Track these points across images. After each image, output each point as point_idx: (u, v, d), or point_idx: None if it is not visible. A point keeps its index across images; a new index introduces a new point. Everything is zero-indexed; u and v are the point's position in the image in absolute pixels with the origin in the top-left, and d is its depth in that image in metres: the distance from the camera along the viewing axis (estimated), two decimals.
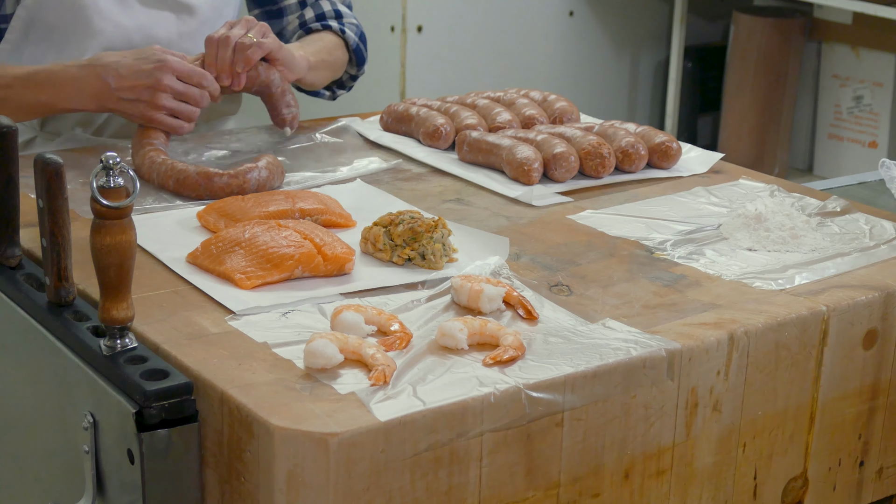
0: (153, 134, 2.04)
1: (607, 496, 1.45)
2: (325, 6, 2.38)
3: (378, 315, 1.48)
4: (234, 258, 1.61)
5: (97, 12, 2.15)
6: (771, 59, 5.31)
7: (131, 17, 2.19)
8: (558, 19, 5.11)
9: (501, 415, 1.33)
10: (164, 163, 1.94)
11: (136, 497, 1.32)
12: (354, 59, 2.41)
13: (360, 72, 2.45)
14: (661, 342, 1.45)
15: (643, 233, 1.82)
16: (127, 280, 1.37)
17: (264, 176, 1.93)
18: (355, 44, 2.39)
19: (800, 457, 1.62)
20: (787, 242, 1.78)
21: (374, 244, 1.68)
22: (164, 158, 1.95)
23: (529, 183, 1.99)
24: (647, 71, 5.51)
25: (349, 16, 2.42)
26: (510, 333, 1.44)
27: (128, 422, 1.30)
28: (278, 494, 1.26)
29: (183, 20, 2.24)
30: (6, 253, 1.59)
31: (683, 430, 1.49)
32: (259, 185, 1.92)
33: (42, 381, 1.51)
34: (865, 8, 4.73)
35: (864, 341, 1.63)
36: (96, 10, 2.15)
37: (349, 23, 2.40)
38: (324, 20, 2.37)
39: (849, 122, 5.38)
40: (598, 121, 2.28)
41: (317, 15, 2.37)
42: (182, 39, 2.24)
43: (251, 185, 1.91)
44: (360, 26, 2.43)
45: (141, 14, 2.20)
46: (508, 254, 1.70)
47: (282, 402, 1.29)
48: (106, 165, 1.33)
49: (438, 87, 4.56)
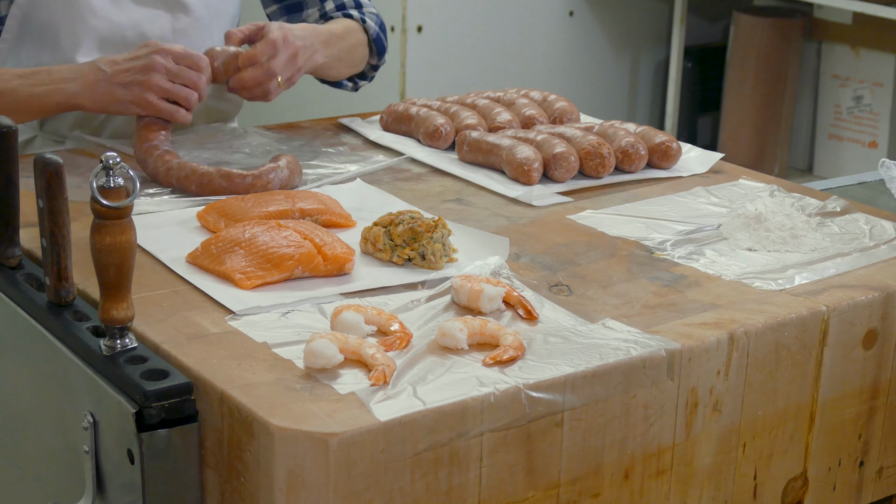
0: (152, 134, 2.02)
1: (607, 496, 1.45)
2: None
3: (378, 315, 1.48)
4: (234, 258, 1.61)
5: (89, 9, 2.15)
6: (771, 59, 5.31)
7: (125, 14, 2.19)
8: (558, 19, 5.11)
9: (501, 415, 1.33)
10: (183, 166, 1.93)
11: (136, 497, 1.32)
12: (375, 48, 2.41)
13: (381, 61, 2.45)
14: (661, 342, 1.45)
15: (643, 233, 1.82)
16: (127, 280, 1.37)
17: (286, 175, 1.94)
18: (375, 33, 2.39)
19: (800, 457, 1.62)
20: (787, 242, 1.78)
21: (374, 244, 1.68)
22: (180, 161, 1.95)
23: (529, 183, 1.99)
24: (647, 71, 5.51)
25: (368, 6, 2.43)
26: (510, 333, 1.44)
27: (128, 422, 1.30)
28: (278, 494, 1.26)
29: (177, 17, 2.25)
30: (6, 253, 1.59)
31: (683, 430, 1.49)
32: (282, 184, 1.93)
33: (42, 381, 1.51)
34: (865, 8, 4.73)
35: (864, 341, 1.63)
36: (88, 7, 2.15)
37: (369, 12, 2.41)
38: (344, 9, 2.38)
39: (849, 122, 5.38)
40: (598, 121, 2.28)
41: (337, 5, 2.38)
42: (176, 36, 2.24)
43: (275, 184, 1.92)
44: (380, 16, 2.43)
45: (134, 11, 2.20)
46: (508, 254, 1.70)
47: (282, 402, 1.29)
48: (106, 165, 1.33)
49: (438, 87, 4.56)
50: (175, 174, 1.93)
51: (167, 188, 1.94)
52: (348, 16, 2.37)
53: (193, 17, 2.26)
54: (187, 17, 2.25)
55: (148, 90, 2.01)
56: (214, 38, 2.30)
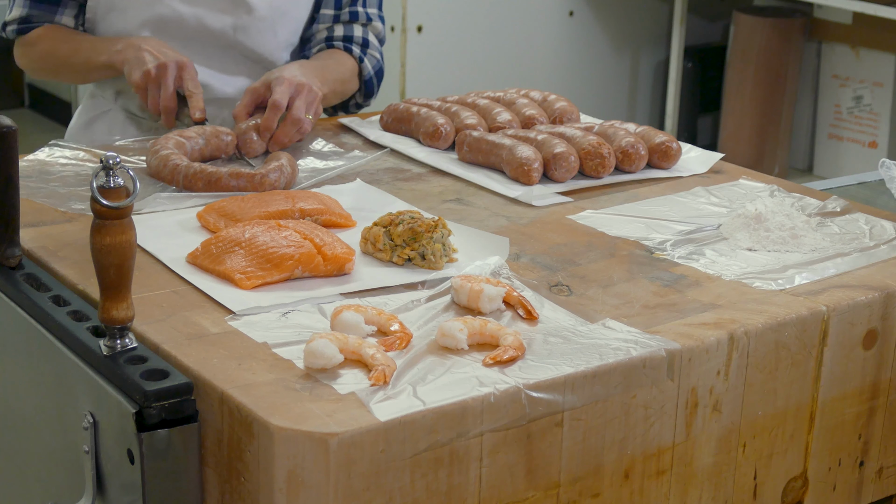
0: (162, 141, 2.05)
1: (607, 496, 1.45)
2: (357, 31, 2.42)
3: (378, 315, 1.48)
4: (234, 258, 1.61)
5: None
6: (771, 59, 5.32)
7: (189, 5, 2.29)
8: (558, 19, 5.11)
9: (501, 415, 1.33)
10: (191, 166, 1.95)
11: (136, 497, 1.32)
12: (364, 89, 2.45)
13: (367, 103, 2.50)
14: (661, 342, 1.45)
15: (643, 233, 1.82)
16: (127, 280, 1.37)
17: (289, 172, 1.96)
18: (369, 76, 2.43)
19: (800, 457, 1.62)
20: (787, 242, 1.78)
21: (374, 244, 1.68)
22: (189, 163, 1.97)
23: (529, 183, 1.99)
24: (647, 71, 5.51)
25: (374, 48, 2.45)
26: (510, 333, 1.44)
27: (128, 422, 1.30)
28: (278, 494, 1.26)
29: (239, 16, 2.31)
30: (6, 253, 1.58)
31: (683, 430, 1.49)
32: (287, 181, 1.95)
33: (42, 381, 1.51)
34: (865, 8, 4.73)
35: (864, 341, 1.63)
36: None
37: (371, 55, 2.44)
38: (349, 43, 2.41)
39: (849, 122, 5.39)
40: (598, 121, 2.28)
41: (344, 36, 2.40)
42: (236, 32, 2.32)
43: (281, 183, 1.94)
44: (382, 62, 2.47)
45: (199, 3, 2.29)
46: (508, 254, 1.70)
47: (282, 402, 1.29)
48: (106, 165, 1.33)
49: (438, 87, 4.56)
50: (182, 173, 1.94)
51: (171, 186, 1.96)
52: (349, 50, 2.40)
53: (256, 17, 2.32)
54: (249, 17, 2.31)
55: (138, 66, 2.17)
56: (279, 37, 2.35)
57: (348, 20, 2.42)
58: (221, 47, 2.33)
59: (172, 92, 2.16)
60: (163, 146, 2.01)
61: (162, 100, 2.16)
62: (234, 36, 2.32)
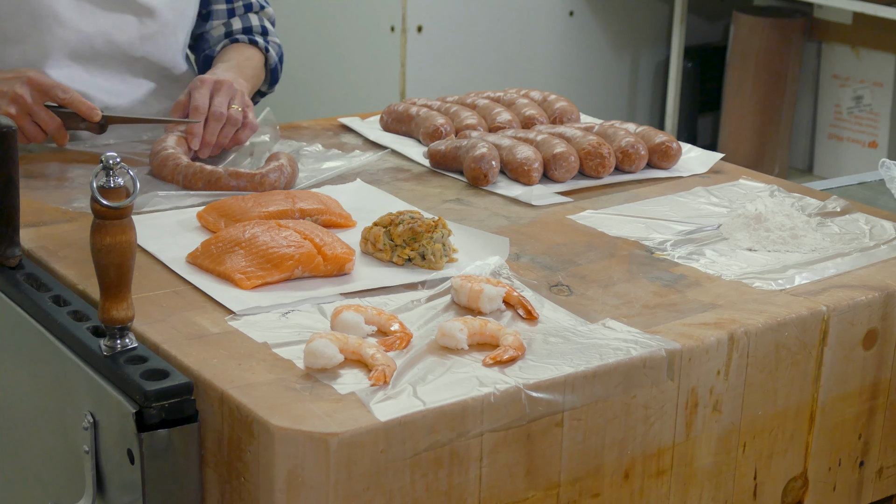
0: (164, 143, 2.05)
1: (607, 496, 1.45)
2: (254, 20, 2.41)
3: (378, 315, 1.48)
4: (234, 258, 1.61)
5: (56, 20, 2.14)
6: (771, 59, 5.31)
7: (92, 22, 2.19)
8: (558, 19, 5.11)
9: (501, 415, 1.33)
10: (191, 166, 1.95)
11: (136, 497, 1.32)
12: (269, 78, 2.43)
13: (270, 90, 2.48)
14: (661, 342, 1.45)
15: (643, 233, 1.82)
16: (127, 280, 1.37)
17: (289, 172, 1.96)
18: (274, 64, 2.42)
19: (800, 457, 1.62)
20: (787, 242, 1.78)
21: (374, 244, 1.68)
22: (189, 162, 1.97)
23: (529, 183, 1.99)
24: (647, 71, 5.51)
25: (273, 34, 2.45)
26: (510, 333, 1.44)
27: (128, 422, 1.30)
28: (278, 494, 1.26)
29: (144, 23, 2.24)
30: (6, 253, 1.59)
31: (683, 430, 1.49)
32: (287, 181, 1.95)
33: (42, 381, 1.52)
34: (865, 8, 4.73)
35: (864, 341, 1.63)
36: (56, 18, 2.14)
37: (273, 42, 2.44)
38: (251, 34, 2.39)
39: (849, 122, 5.38)
40: (598, 121, 2.28)
41: (244, 28, 2.39)
42: (144, 42, 2.25)
43: (281, 183, 1.94)
44: (281, 46, 2.46)
45: (101, 18, 2.19)
46: (508, 254, 1.70)
47: (282, 402, 1.29)
48: (106, 165, 1.33)
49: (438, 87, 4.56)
50: (182, 172, 1.95)
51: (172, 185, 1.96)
52: (254, 41, 2.38)
53: (160, 22, 2.26)
54: (154, 22, 2.25)
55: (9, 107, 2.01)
56: (180, 42, 2.31)
57: (244, 12, 2.41)
58: (128, 61, 2.24)
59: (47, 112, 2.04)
60: (163, 146, 2.02)
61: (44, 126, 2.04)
62: (142, 47, 2.24)
